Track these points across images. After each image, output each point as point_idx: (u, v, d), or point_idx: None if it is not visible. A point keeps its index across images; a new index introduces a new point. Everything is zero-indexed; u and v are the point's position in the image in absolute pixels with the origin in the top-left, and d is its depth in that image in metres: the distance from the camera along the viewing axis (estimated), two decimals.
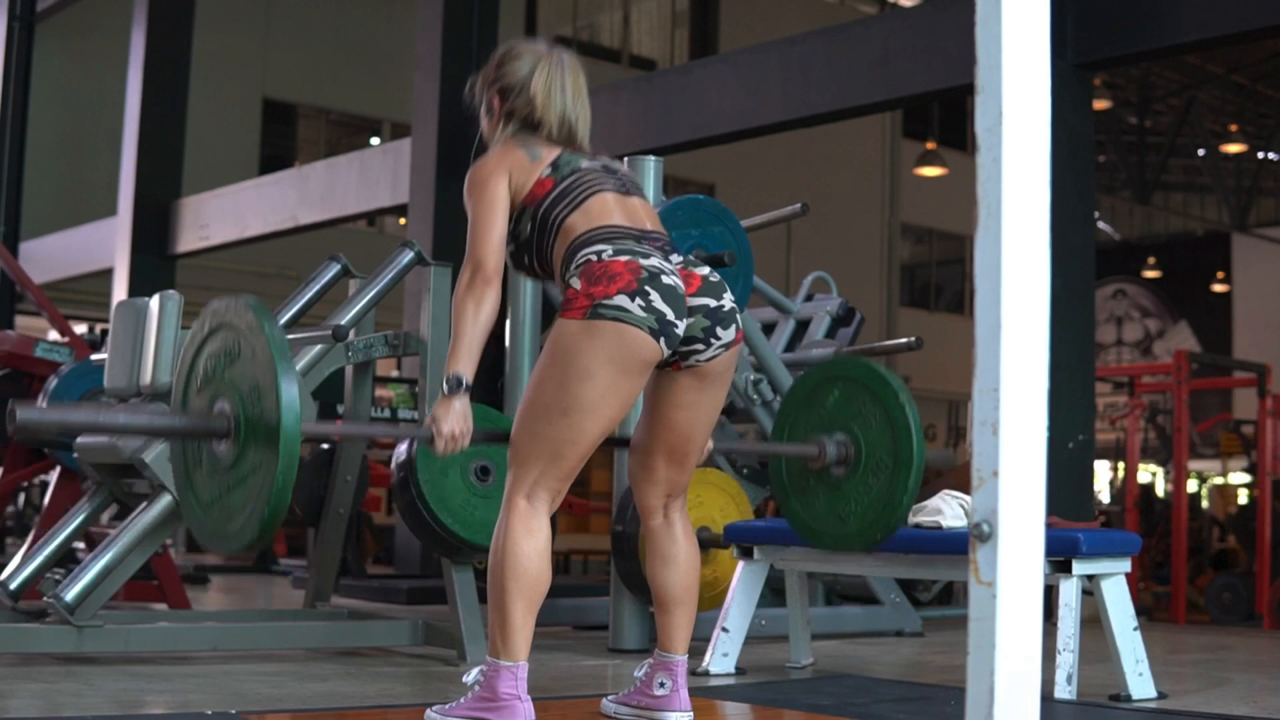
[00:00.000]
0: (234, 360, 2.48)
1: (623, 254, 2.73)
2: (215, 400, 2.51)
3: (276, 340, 2.38)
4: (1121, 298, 24.28)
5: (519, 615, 2.71)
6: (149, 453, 3.85)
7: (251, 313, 2.46)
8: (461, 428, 2.72)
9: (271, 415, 2.35)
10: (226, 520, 2.47)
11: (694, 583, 2.98)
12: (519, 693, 2.69)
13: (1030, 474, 1.46)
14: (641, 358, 2.71)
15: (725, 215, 4.64)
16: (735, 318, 2.85)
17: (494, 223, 2.80)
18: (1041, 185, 1.48)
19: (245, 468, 2.43)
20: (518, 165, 2.85)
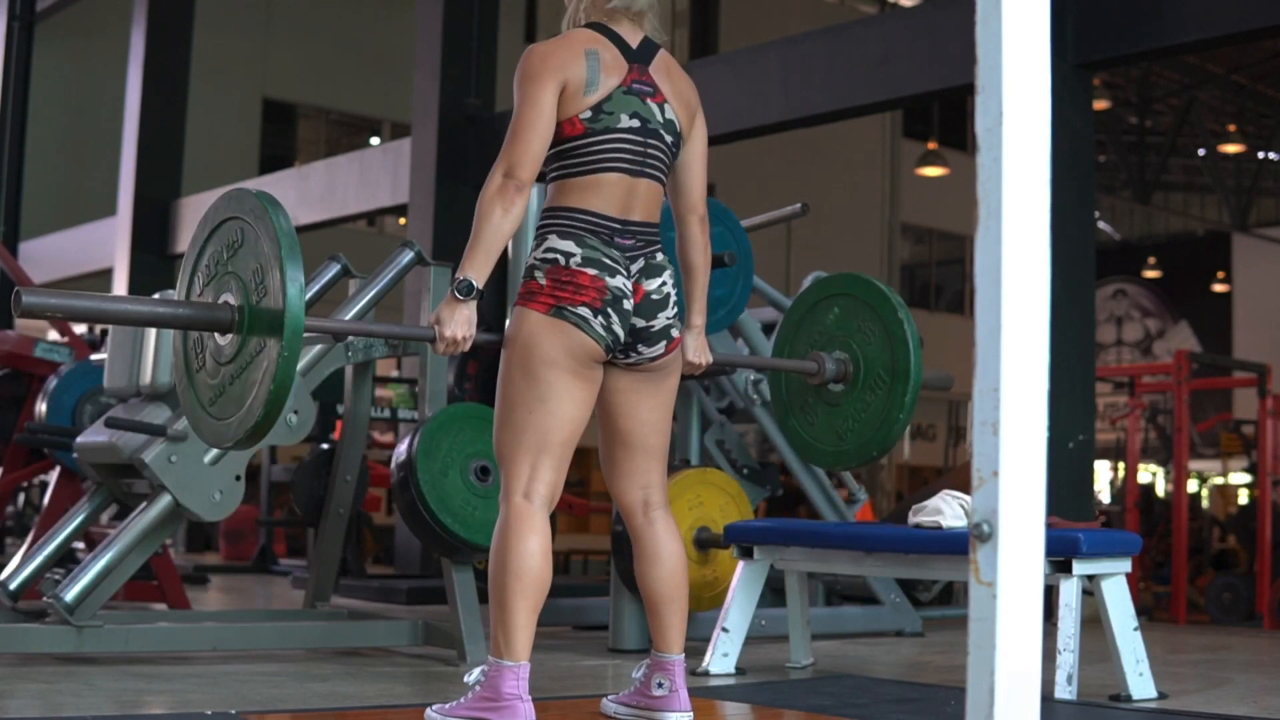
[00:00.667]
0: (242, 253, 2.46)
1: (590, 265, 2.75)
2: (221, 292, 2.49)
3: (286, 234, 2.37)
4: (1121, 298, 24.29)
5: (521, 615, 2.70)
6: (149, 453, 3.85)
7: (263, 207, 2.44)
8: (465, 332, 2.71)
9: (276, 297, 2.33)
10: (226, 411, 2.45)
11: (682, 580, 2.95)
12: (520, 693, 2.69)
13: (1030, 474, 1.46)
14: (593, 355, 2.79)
15: (725, 215, 4.64)
16: (668, 334, 2.86)
17: (536, 129, 2.74)
18: (1041, 185, 1.48)
19: (245, 360, 2.41)
20: (573, 79, 2.77)
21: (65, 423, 5.29)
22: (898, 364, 3.24)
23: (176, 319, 2.49)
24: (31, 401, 5.73)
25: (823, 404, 3.40)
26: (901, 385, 3.23)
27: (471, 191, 8.76)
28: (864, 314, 3.32)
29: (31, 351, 5.80)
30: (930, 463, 20.53)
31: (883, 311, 3.29)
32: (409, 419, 8.23)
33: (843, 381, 3.33)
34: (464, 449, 4.04)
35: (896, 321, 3.25)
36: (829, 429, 3.39)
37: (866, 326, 3.31)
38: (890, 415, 3.26)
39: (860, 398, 3.31)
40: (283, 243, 2.35)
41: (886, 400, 3.26)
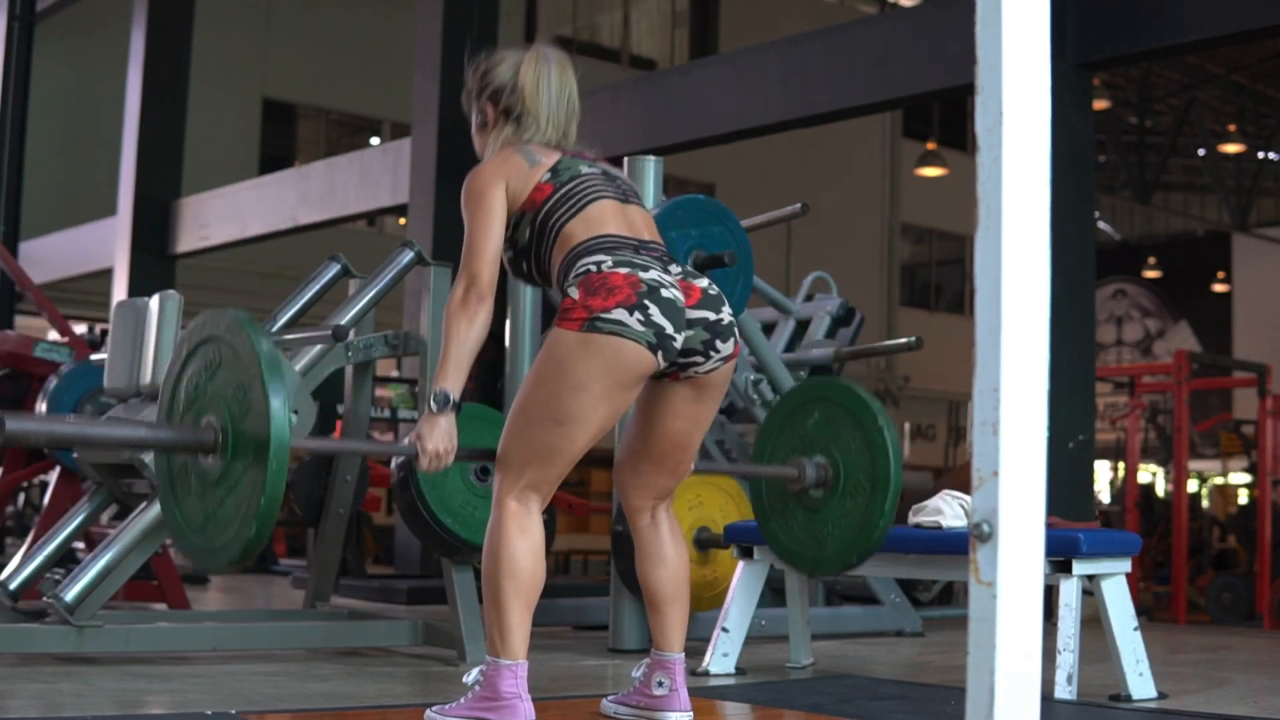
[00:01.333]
0: (219, 370, 2.47)
1: (622, 265, 2.71)
2: (201, 416, 2.50)
3: (263, 350, 2.37)
4: (1121, 298, 24.28)
5: (516, 614, 2.71)
6: (148, 453, 3.85)
7: (236, 321, 2.45)
8: (446, 445, 2.71)
9: (260, 421, 2.34)
10: (209, 535, 2.46)
11: (684, 581, 2.96)
12: (520, 692, 2.69)
13: (1030, 474, 1.46)
14: (637, 371, 2.70)
15: (725, 215, 4.64)
16: (734, 331, 2.83)
17: (490, 235, 2.78)
18: (1041, 185, 1.48)
19: (230, 483, 2.42)
20: (515, 172, 2.83)
21: None
22: (878, 471, 3.27)
23: (160, 442, 2.50)
24: (31, 401, 5.73)
25: (803, 509, 3.42)
26: (882, 493, 3.26)
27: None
28: (844, 420, 3.35)
29: (31, 351, 5.80)
30: (930, 463, 20.53)
31: (863, 418, 3.32)
32: (409, 419, 8.23)
33: (823, 487, 3.35)
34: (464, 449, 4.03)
35: (876, 429, 3.28)
36: (809, 534, 3.40)
37: (847, 432, 3.34)
38: (870, 521, 3.28)
39: (840, 504, 3.33)
40: (263, 362, 2.36)
41: (867, 507, 3.28)
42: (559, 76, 2.93)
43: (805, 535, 3.41)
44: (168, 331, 3.98)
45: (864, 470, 3.29)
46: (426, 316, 4.25)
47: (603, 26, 19.14)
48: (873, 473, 3.27)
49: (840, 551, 3.33)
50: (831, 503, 3.34)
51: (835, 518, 3.34)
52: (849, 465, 3.31)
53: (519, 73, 2.91)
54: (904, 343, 5.48)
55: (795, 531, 3.44)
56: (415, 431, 2.74)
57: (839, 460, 3.33)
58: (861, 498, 3.28)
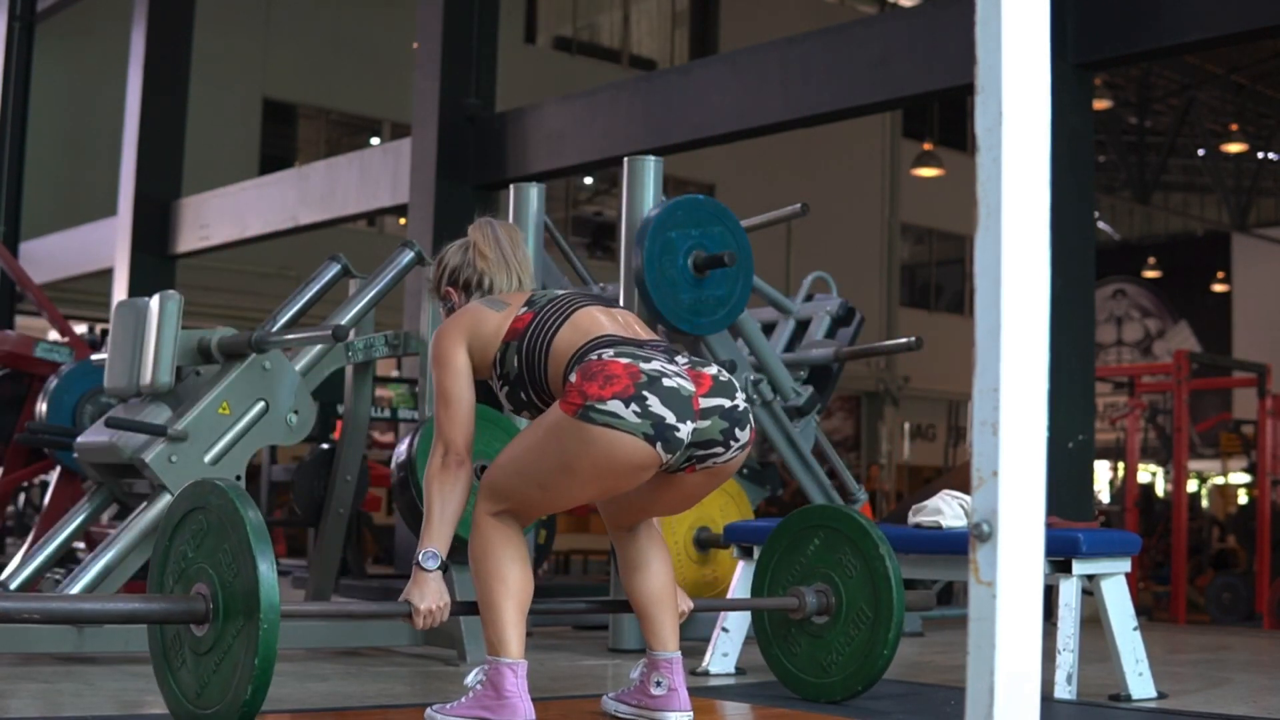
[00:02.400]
0: (206, 538, 2.50)
1: (624, 356, 2.65)
2: (193, 580, 2.52)
3: (250, 518, 2.40)
4: (1121, 298, 24.28)
5: (509, 614, 2.73)
6: (149, 453, 3.85)
7: (223, 491, 2.48)
8: (438, 603, 2.74)
9: (249, 585, 2.36)
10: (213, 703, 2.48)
11: (669, 582, 2.95)
12: (520, 691, 2.69)
13: (1030, 474, 1.46)
14: (632, 464, 2.63)
15: (725, 215, 4.64)
16: (749, 417, 2.76)
17: (460, 397, 2.80)
18: (1041, 185, 1.48)
19: (224, 650, 2.44)
20: (478, 320, 2.84)
21: (65, 423, 5.29)
22: (880, 601, 3.27)
23: (153, 615, 2.51)
24: (32, 401, 5.73)
25: (806, 636, 3.41)
26: (885, 623, 3.26)
27: (471, 191, 8.77)
28: (845, 548, 3.34)
29: (32, 351, 5.80)
30: (930, 463, 20.54)
31: (864, 547, 3.31)
32: (409, 419, 8.23)
33: (825, 614, 3.35)
34: None
35: (878, 558, 3.28)
36: (812, 661, 3.39)
37: (848, 561, 3.33)
38: (874, 651, 3.27)
39: (844, 631, 3.33)
40: (250, 530, 2.38)
41: (870, 636, 3.28)
42: (508, 237, 3.00)
43: (808, 662, 3.41)
44: (168, 331, 3.98)
45: (866, 599, 3.29)
46: (426, 316, 4.25)
47: (603, 26, 19.14)
48: (875, 602, 3.27)
49: (844, 680, 3.33)
50: (834, 630, 3.35)
51: (839, 645, 3.34)
52: (851, 593, 3.31)
53: (471, 251, 2.99)
54: (904, 343, 5.49)
55: (798, 658, 3.44)
56: (405, 593, 2.76)
57: (840, 588, 3.33)
58: (865, 627, 3.29)
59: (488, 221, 3.05)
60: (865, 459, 19.67)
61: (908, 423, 19.86)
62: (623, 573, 2.98)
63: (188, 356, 4.02)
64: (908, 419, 20.10)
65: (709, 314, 4.65)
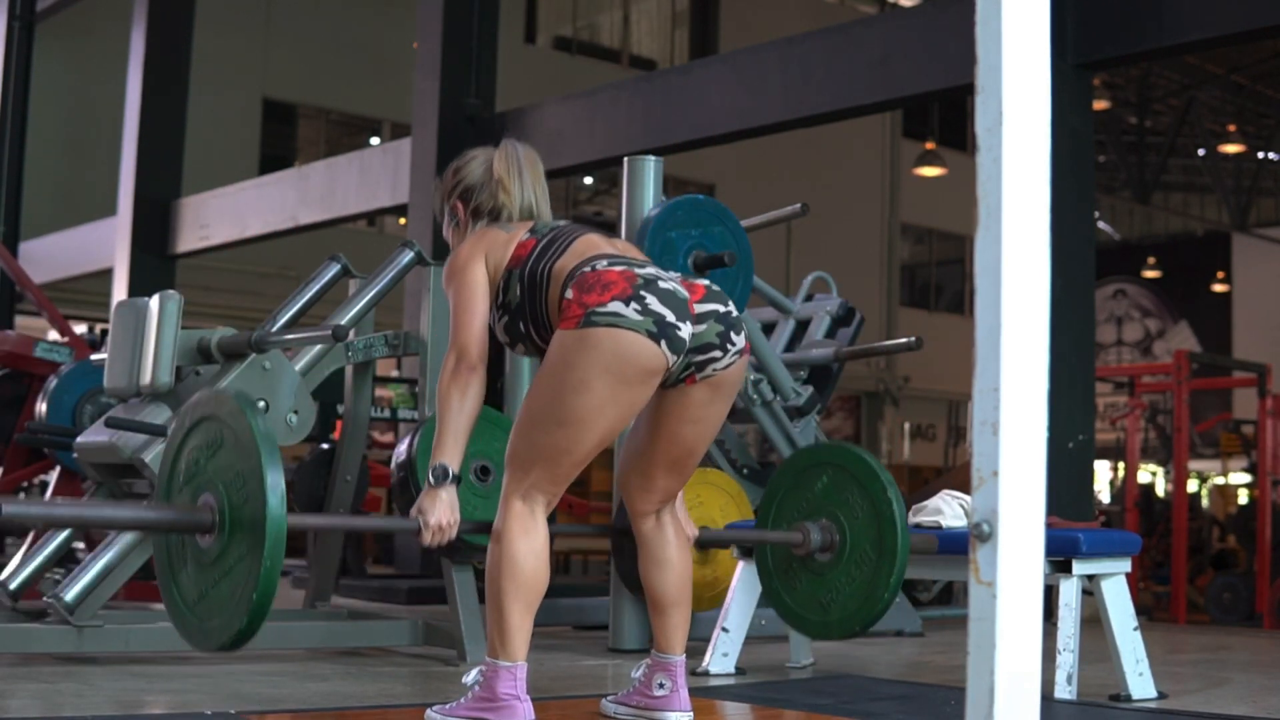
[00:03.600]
0: (217, 451, 2.49)
1: (618, 265, 2.71)
2: (199, 494, 2.51)
3: (260, 429, 2.39)
4: (1121, 298, 24.29)
5: (517, 615, 2.71)
6: (149, 452, 3.85)
7: (235, 404, 2.46)
8: (449, 519, 2.71)
9: (257, 504, 2.35)
10: (206, 614, 2.47)
11: (688, 583, 2.96)
12: (518, 693, 2.69)
13: (1030, 474, 1.46)
14: (640, 364, 2.65)
15: (725, 215, 4.64)
16: (742, 324, 2.82)
17: (475, 308, 2.79)
18: (1041, 185, 1.48)
19: (227, 564, 2.43)
20: (494, 244, 2.85)
21: (65, 423, 5.29)
22: (884, 543, 3.26)
23: (158, 523, 2.51)
24: (31, 401, 5.73)
25: (808, 572, 3.40)
26: (888, 565, 3.25)
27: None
28: (852, 487, 3.33)
29: (31, 351, 5.80)
30: (930, 463, 20.54)
31: (871, 489, 3.30)
32: (409, 419, 8.24)
33: (828, 552, 3.35)
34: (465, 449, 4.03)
35: (885, 500, 3.27)
36: (812, 598, 3.39)
37: (854, 500, 3.32)
38: (875, 593, 3.26)
39: (845, 571, 3.32)
40: (261, 448, 2.37)
41: (872, 577, 3.27)
42: (530, 169, 2.98)
43: (808, 599, 3.40)
44: (168, 331, 3.98)
45: (870, 540, 3.28)
46: (426, 316, 4.25)
47: (603, 26, 19.14)
48: (879, 544, 3.26)
49: (843, 619, 3.32)
50: (836, 569, 3.33)
51: (839, 585, 3.33)
52: (855, 533, 3.31)
53: (490, 170, 2.96)
54: (904, 343, 5.48)
55: (798, 594, 3.43)
56: (416, 505, 2.74)
57: (845, 527, 3.32)
58: (867, 567, 3.28)
59: (512, 146, 2.99)
60: None
61: (908, 423, 19.86)
62: (643, 566, 2.96)
63: (188, 356, 4.02)
64: (908, 419, 20.10)
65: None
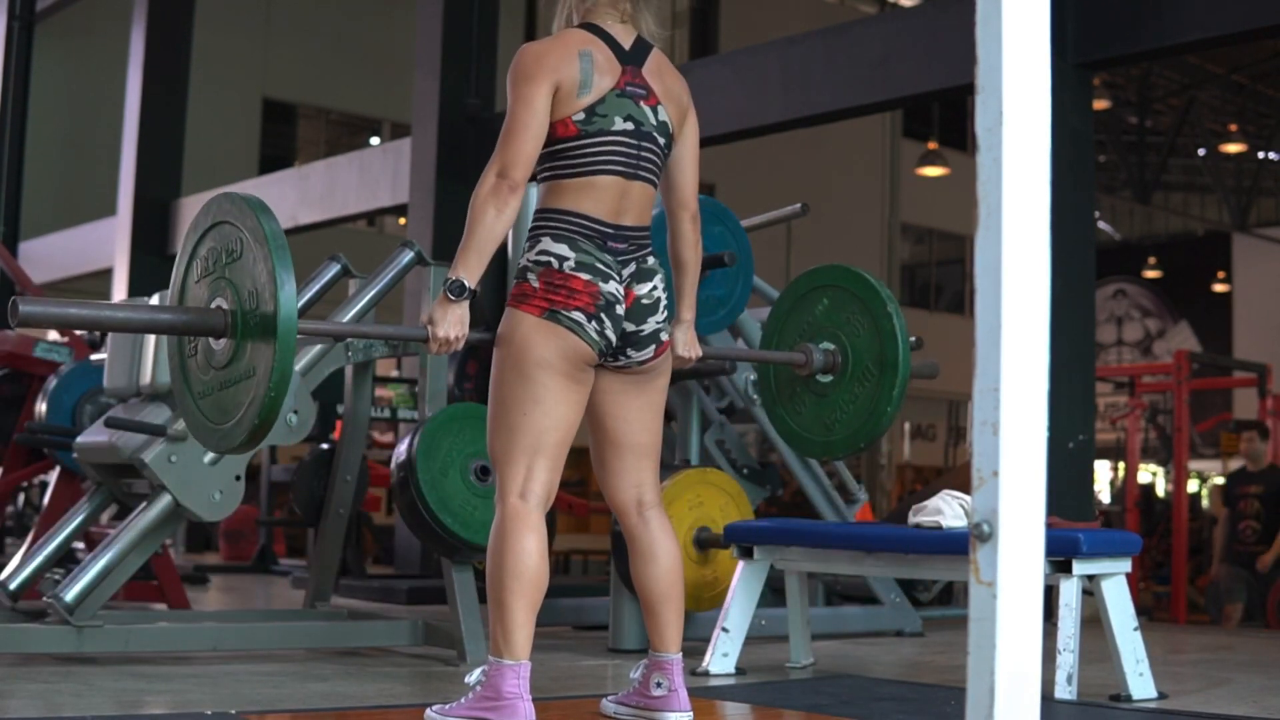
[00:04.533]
0: (234, 258, 2.47)
1: (583, 269, 2.75)
2: (213, 296, 2.49)
3: (275, 239, 2.37)
4: (1121, 298, 24.29)
5: (519, 614, 2.70)
6: (149, 453, 3.85)
7: (253, 212, 2.44)
8: (457, 332, 2.73)
9: (268, 302, 2.33)
10: (222, 416, 2.45)
11: (678, 579, 2.94)
12: (521, 692, 2.68)
13: (1030, 474, 1.46)
14: (585, 361, 2.78)
15: (725, 215, 4.64)
16: (656, 339, 2.86)
17: (529, 130, 2.74)
18: (1041, 185, 1.48)
19: (242, 363, 2.41)
20: (565, 81, 2.78)
21: (65, 423, 5.29)
22: (886, 356, 3.24)
23: (173, 325, 2.49)
24: (31, 401, 5.73)
25: (811, 394, 3.39)
26: (890, 378, 3.23)
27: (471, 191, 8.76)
28: (852, 306, 3.32)
29: (31, 351, 5.80)
30: (930, 463, 20.53)
31: (872, 305, 3.28)
32: (409, 419, 8.23)
33: (831, 372, 3.32)
34: (464, 449, 4.04)
35: (885, 315, 3.25)
36: (817, 419, 3.38)
37: (855, 319, 3.30)
38: (878, 408, 3.25)
39: (849, 389, 3.30)
40: (272, 245, 2.35)
41: (875, 392, 3.25)
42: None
43: (813, 421, 3.39)
44: None
45: (872, 356, 3.26)
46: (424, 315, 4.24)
47: None
48: (881, 358, 3.24)
49: (848, 437, 3.31)
50: (839, 388, 3.31)
51: (843, 403, 3.31)
52: (857, 351, 3.28)
53: None
54: None
55: (803, 416, 3.41)
56: (427, 315, 2.75)
57: (847, 346, 3.30)
58: (870, 383, 3.26)
59: None
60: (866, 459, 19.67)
61: (908, 423, 19.85)
62: (632, 563, 2.96)
63: None
64: (908, 419, 20.10)
65: (709, 314, 4.65)
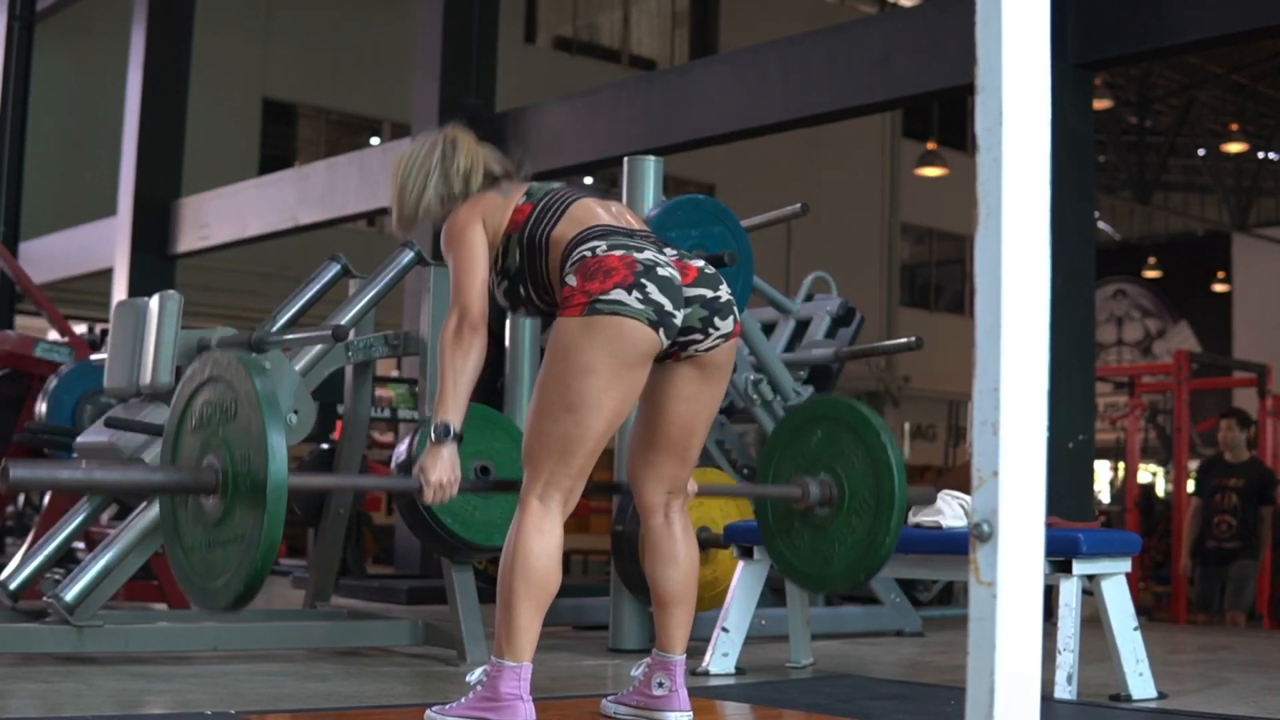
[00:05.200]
0: (226, 416, 2.49)
1: (617, 248, 2.74)
2: (205, 453, 2.52)
3: (263, 390, 2.39)
4: (1121, 298, 24.28)
5: (525, 616, 2.71)
6: (149, 453, 3.85)
7: (236, 362, 2.46)
8: (450, 476, 2.75)
9: (259, 462, 2.36)
10: (209, 575, 2.48)
11: (693, 582, 2.98)
12: (521, 693, 2.69)
13: (1030, 474, 1.46)
14: (640, 349, 2.71)
15: (725, 215, 4.64)
16: (733, 309, 2.85)
17: (476, 269, 2.81)
18: (1041, 185, 1.48)
19: (231, 524, 2.44)
20: (490, 207, 2.87)
21: (65, 423, 5.29)
22: (882, 488, 3.27)
23: (166, 485, 2.52)
24: (31, 401, 5.73)
25: (808, 527, 3.42)
26: (887, 510, 3.26)
27: None
28: (847, 438, 3.36)
29: (31, 351, 5.80)
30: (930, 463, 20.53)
31: (866, 435, 3.32)
32: (409, 419, 8.23)
33: (828, 505, 3.36)
34: (465, 449, 4.03)
35: (880, 445, 3.29)
36: (815, 552, 3.40)
37: (850, 451, 3.34)
38: (876, 539, 3.28)
39: (846, 522, 3.33)
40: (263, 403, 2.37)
41: (872, 525, 3.28)
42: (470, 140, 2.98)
43: (811, 553, 3.41)
44: (168, 331, 3.98)
45: (869, 488, 3.29)
46: (426, 316, 4.25)
47: (603, 26, 19.14)
48: (877, 490, 3.27)
49: (846, 569, 3.33)
50: (837, 521, 3.34)
51: (841, 535, 3.34)
52: (854, 483, 3.32)
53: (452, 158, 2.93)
54: (904, 343, 5.48)
55: (801, 550, 3.44)
56: (418, 464, 2.77)
57: (843, 478, 3.33)
58: (867, 516, 3.29)
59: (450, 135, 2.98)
60: None
61: (908, 423, 19.85)
62: (649, 562, 2.98)
63: (188, 356, 4.02)
64: (908, 419, 20.09)
65: None
